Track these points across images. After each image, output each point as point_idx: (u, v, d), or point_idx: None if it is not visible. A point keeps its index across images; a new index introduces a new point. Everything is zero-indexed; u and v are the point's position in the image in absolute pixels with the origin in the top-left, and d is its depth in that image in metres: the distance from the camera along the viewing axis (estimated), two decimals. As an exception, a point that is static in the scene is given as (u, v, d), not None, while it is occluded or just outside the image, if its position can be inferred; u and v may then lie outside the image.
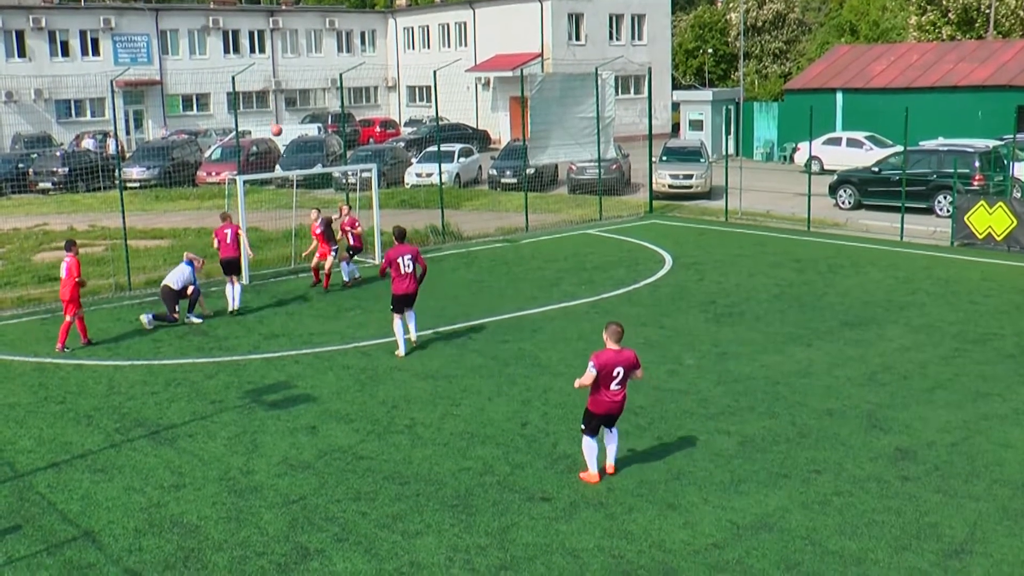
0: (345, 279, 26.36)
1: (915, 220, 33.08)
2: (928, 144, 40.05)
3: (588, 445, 13.91)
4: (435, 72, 34.48)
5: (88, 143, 57.49)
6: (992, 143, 39.09)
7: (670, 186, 41.62)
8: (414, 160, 49.52)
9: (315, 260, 26.36)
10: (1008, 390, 17.25)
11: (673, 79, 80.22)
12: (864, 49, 60.90)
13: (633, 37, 74.50)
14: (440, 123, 44.33)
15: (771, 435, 15.36)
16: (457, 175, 46.98)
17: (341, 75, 33.98)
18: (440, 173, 36.05)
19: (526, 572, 11.37)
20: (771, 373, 18.33)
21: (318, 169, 38.92)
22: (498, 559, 11.68)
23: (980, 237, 29.74)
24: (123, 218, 27.07)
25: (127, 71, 54.67)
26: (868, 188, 37.37)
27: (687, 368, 18.75)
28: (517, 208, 37.15)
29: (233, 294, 23.84)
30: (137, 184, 47.99)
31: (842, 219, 35.46)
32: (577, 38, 71.11)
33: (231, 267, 24.12)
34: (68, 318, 20.78)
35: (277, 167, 47.11)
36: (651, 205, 38.59)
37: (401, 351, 20.02)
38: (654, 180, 40.39)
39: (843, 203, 38.01)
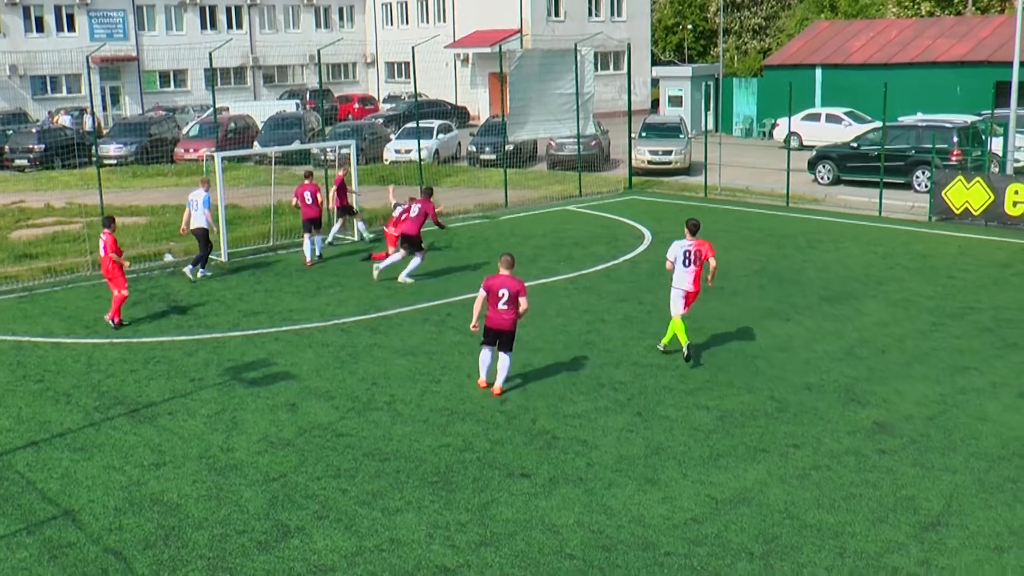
0: (318, 252, 26.57)
1: (893, 195, 33.19)
2: (907, 120, 40.18)
3: (481, 355, 16.59)
4: (414, 48, 34.38)
5: (64, 120, 57.09)
6: (970, 119, 39.25)
7: (649, 162, 41.63)
8: (393, 136, 49.34)
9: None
10: (985, 364, 17.38)
11: (653, 55, 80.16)
12: (843, 25, 60.92)
13: (612, 13, 74.34)
14: (419, 99, 44.14)
15: (750, 410, 15.45)
16: (436, 151, 46.86)
17: (319, 51, 33.84)
18: (419, 149, 35.96)
19: (506, 548, 11.42)
20: (750, 348, 18.40)
21: (296, 146, 38.74)
22: (478, 535, 11.72)
23: (957, 212, 29.88)
24: (100, 195, 26.97)
25: (103, 47, 54.32)
26: (847, 164, 37.47)
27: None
28: (496, 184, 37.14)
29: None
30: (114, 161, 47.68)
31: (821, 194, 35.54)
32: (556, 14, 70.91)
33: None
34: (118, 293, 20.42)
35: (255, 144, 46.93)
36: (630, 181, 38.60)
37: (405, 277, 23.54)
38: (633, 156, 40.37)
39: (822, 179, 38.11)
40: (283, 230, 29.55)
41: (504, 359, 16.34)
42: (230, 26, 75.79)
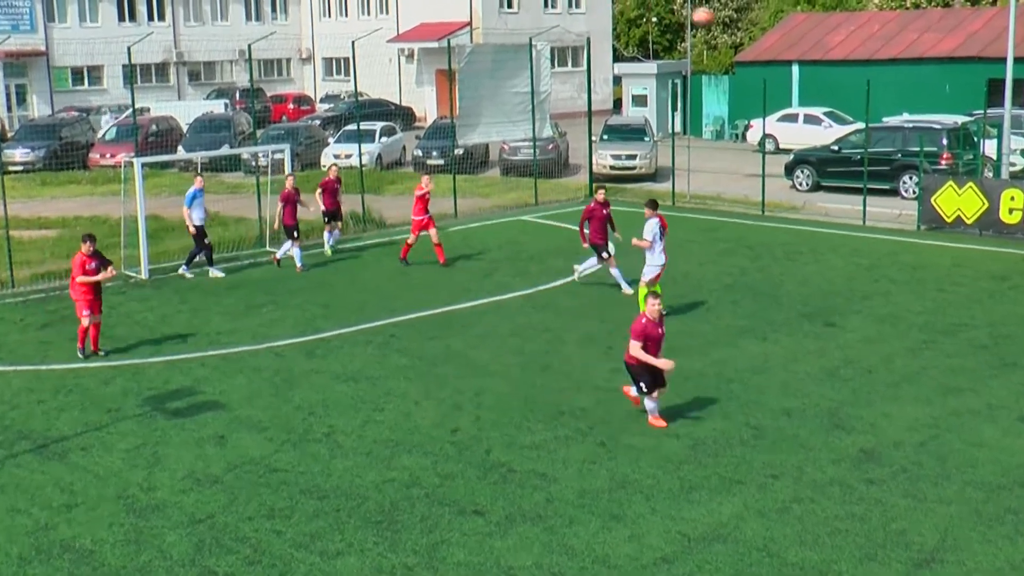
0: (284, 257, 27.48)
1: (878, 202, 33.44)
2: (892, 120, 40.51)
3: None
4: (354, 43, 34.30)
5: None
6: (961, 119, 39.62)
7: (612, 167, 41.76)
8: (331, 140, 49.21)
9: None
10: (980, 384, 17.50)
11: (614, 50, 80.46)
12: (822, 18, 61.48)
13: (570, 5, 74.63)
14: (360, 99, 44.06)
15: (724, 437, 15.46)
16: (379, 156, 46.77)
17: (250, 46, 33.61)
18: (360, 154, 35.85)
19: (458, 593, 11.35)
20: (723, 369, 18.44)
21: (225, 150, 38.52)
22: (427, 579, 11.65)
23: (949, 220, 30.13)
24: (4, 205, 26.59)
25: (7, 40, 53.74)
26: (827, 168, 37.74)
27: (633, 366, 18.80)
28: (445, 192, 37.01)
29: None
30: (20, 167, 47.22)
31: (799, 202, 35.78)
32: (509, 5, 71.10)
33: (328, 215, 28.73)
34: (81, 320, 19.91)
35: (180, 148, 46.65)
36: (591, 188, 38.53)
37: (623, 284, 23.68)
38: (594, 161, 40.47)
39: (800, 185, 38.38)
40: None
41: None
42: (151, 18, 75.23)
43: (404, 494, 13.81)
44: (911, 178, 34.96)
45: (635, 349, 15.53)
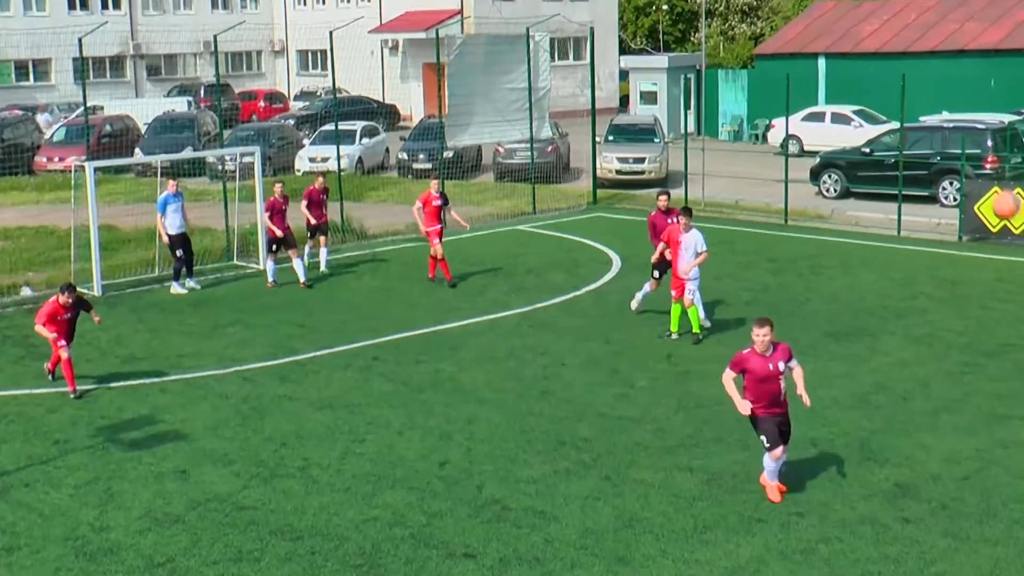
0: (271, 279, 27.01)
1: (915, 210, 33.46)
2: (930, 120, 40.55)
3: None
4: (331, 33, 34.35)
5: None
6: (1007, 118, 39.66)
7: (618, 172, 41.84)
8: (306, 141, 49.32)
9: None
10: (1028, 412, 17.52)
11: (621, 42, 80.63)
12: (851, 6, 61.59)
13: (572, -9, 74.83)
14: (338, 96, 44.10)
15: (743, 471, 15.45)
16: (359, 159, 46.81)
17: (216, 37, 33.69)
18: (339, 157, 35.86)
19: (447, 644, 11.34)
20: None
21: (188, 153, 38.56)
22: (412, 629, 11.65)
23: (994, 230, 30.16)
24: (-60, 215, 26.69)
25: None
26: (858, 173, 37.77)
27: (639, 391, 18.83)
28: (433, 199, 37.11)
29: (322, 257, 28.37)
30: (-44, 174, 47.23)
31: (827, 210, 35.82)
32: (504, -8, 71.29)
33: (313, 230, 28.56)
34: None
35: (137, 151, 46.66)
36: (595, 195, 38.72)
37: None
38: (599, 165, 40.51)
39: (828, 191, 38.41)
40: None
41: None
42: (105, 6, 75.31)
43: (387, 535, 13.79)
44: (951, 184, 35.00)
45: (725, 375, 14.75)
